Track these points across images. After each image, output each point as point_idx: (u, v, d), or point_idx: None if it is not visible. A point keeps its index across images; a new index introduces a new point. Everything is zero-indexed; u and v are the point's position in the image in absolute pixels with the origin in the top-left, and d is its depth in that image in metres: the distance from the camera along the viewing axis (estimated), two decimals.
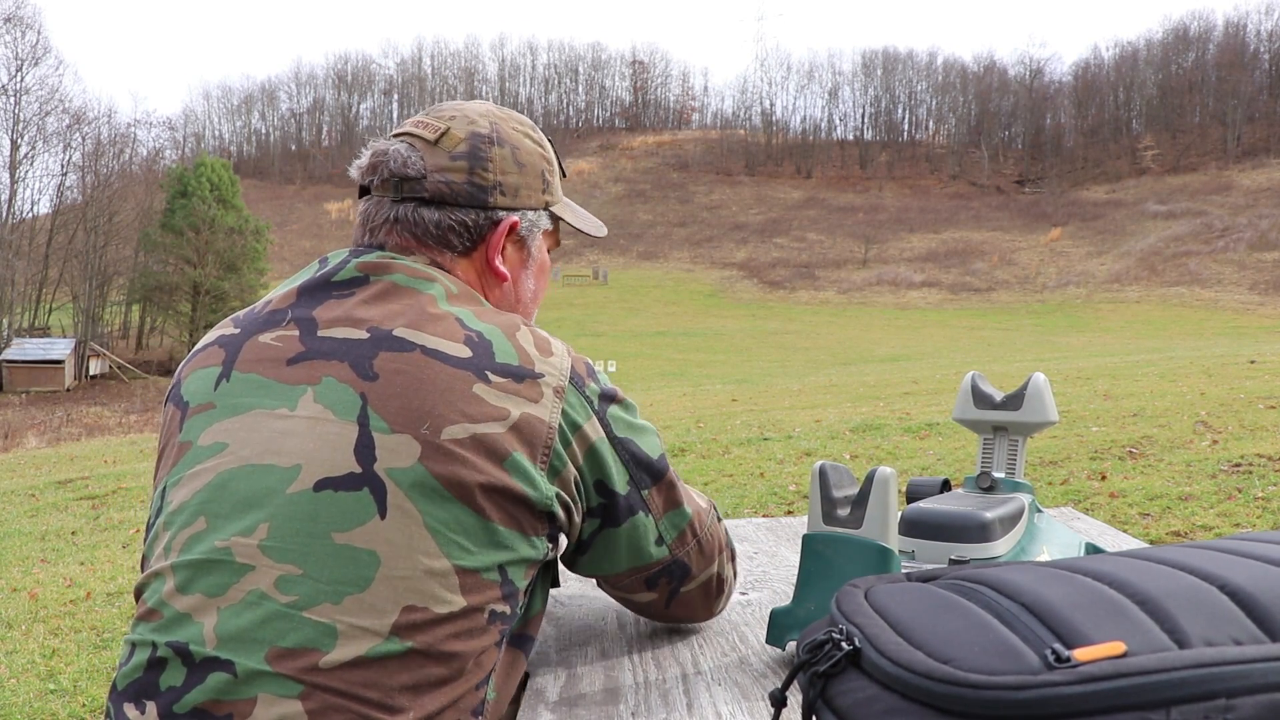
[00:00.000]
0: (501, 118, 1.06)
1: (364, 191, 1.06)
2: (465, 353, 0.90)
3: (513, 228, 1.05)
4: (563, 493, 0.92)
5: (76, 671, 3.77)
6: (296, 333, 0.93)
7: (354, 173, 1.06)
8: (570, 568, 1.04)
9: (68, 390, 35.85)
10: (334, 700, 0.80)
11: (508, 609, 0.90)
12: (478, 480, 0.86)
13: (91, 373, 39.31)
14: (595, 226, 1.19)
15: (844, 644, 0.61)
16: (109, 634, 4.23)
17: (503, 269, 1.05)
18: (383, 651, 0.82)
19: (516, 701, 0.97)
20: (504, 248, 1.05)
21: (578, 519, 0.95)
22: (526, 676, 1.00)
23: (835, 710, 0.59)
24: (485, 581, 0.87)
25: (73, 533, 6.74)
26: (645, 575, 1.02)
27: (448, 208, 1.01)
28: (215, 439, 0.91)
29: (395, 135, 1.05)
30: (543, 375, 0.92)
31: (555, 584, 1.08)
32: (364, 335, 0.91)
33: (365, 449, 0.86)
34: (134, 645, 0.87)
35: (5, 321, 40.60)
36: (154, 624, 0.86)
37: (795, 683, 0.63)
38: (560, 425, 0.91)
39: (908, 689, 0.55)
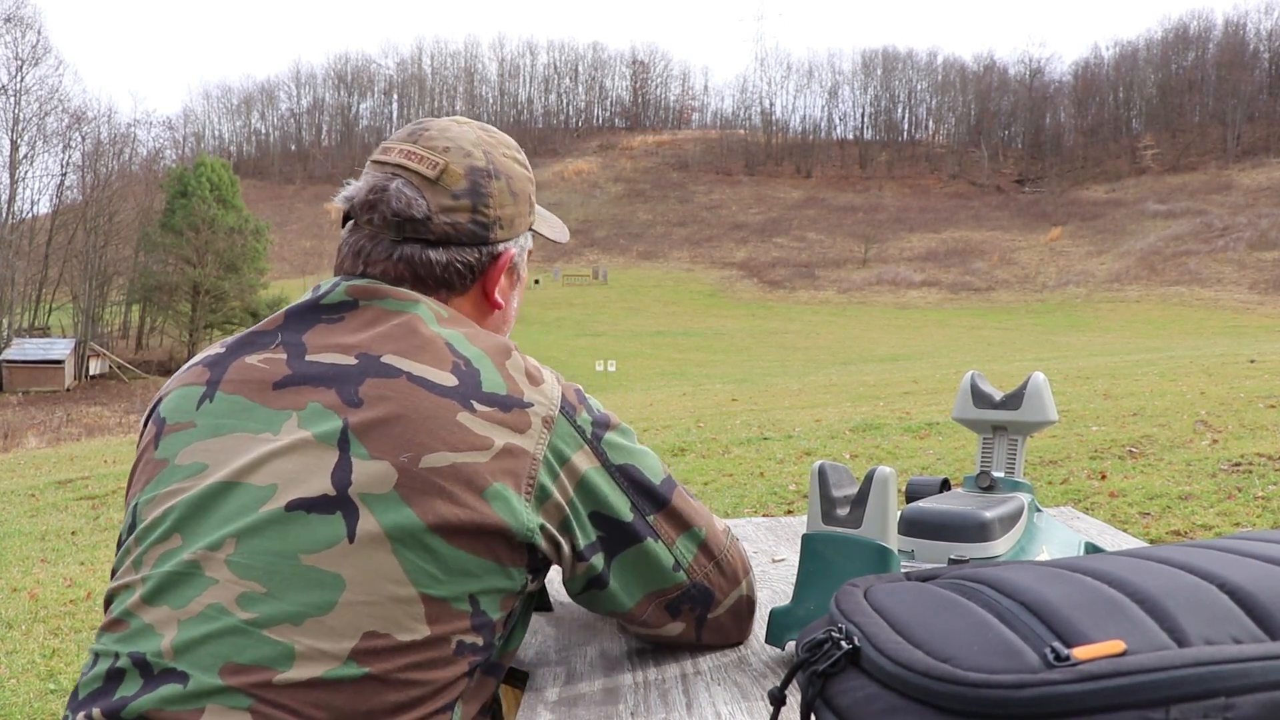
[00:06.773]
0: (492, 144, 1.05)
1: (347, 218, 1.03)
2: (451, 381, 0.89)
3: (509, 259, 1.05)
4: (548, 524, 0.90)
5: (76, 671, 3.77)
6: (284, 356, 0.93)
7: (340, 202, 1.02)
8: (590, 607, 1.01)
9: (67, 390, 35.84)
10: (282, 717, 0.80)
11: (480, 640, 0.89)
12: (454, 510, 0.85)
13: (91, 373, 39.30)
14: (561, 232, 1.19)
15: (843, 643, 0.61)
16: None
17: (499, 299, 1.06)
18: (338, 675, 0.81)
19: (489, 711, 0.96)
20: (499, 278, 1.05)
21: (568, 552, 0.93)
22: (497, 691, 0.99)
23: (834, 709, 0.59)
24: (454, 611, 0.86)
25: (73, 533, 6.74)
26: (664, 600, 0.99)
27: (453, 248, 1.00)
28: (194, 459, 0.90)
29: (382, 164, 1.01)
30: (531, 405, 0.91)
31: (548, 609, 1.06)
32: (352, 361, 0.90)
33: (342, 473, 0.85)
34: (97, 655, 0.86)
35: (5, 321, 40.59)
36: (118, 634, 0.86)
37: (794, 682, 0.63)
38: (545, 456, 0.90)
39: (907, 688, 0.55)
